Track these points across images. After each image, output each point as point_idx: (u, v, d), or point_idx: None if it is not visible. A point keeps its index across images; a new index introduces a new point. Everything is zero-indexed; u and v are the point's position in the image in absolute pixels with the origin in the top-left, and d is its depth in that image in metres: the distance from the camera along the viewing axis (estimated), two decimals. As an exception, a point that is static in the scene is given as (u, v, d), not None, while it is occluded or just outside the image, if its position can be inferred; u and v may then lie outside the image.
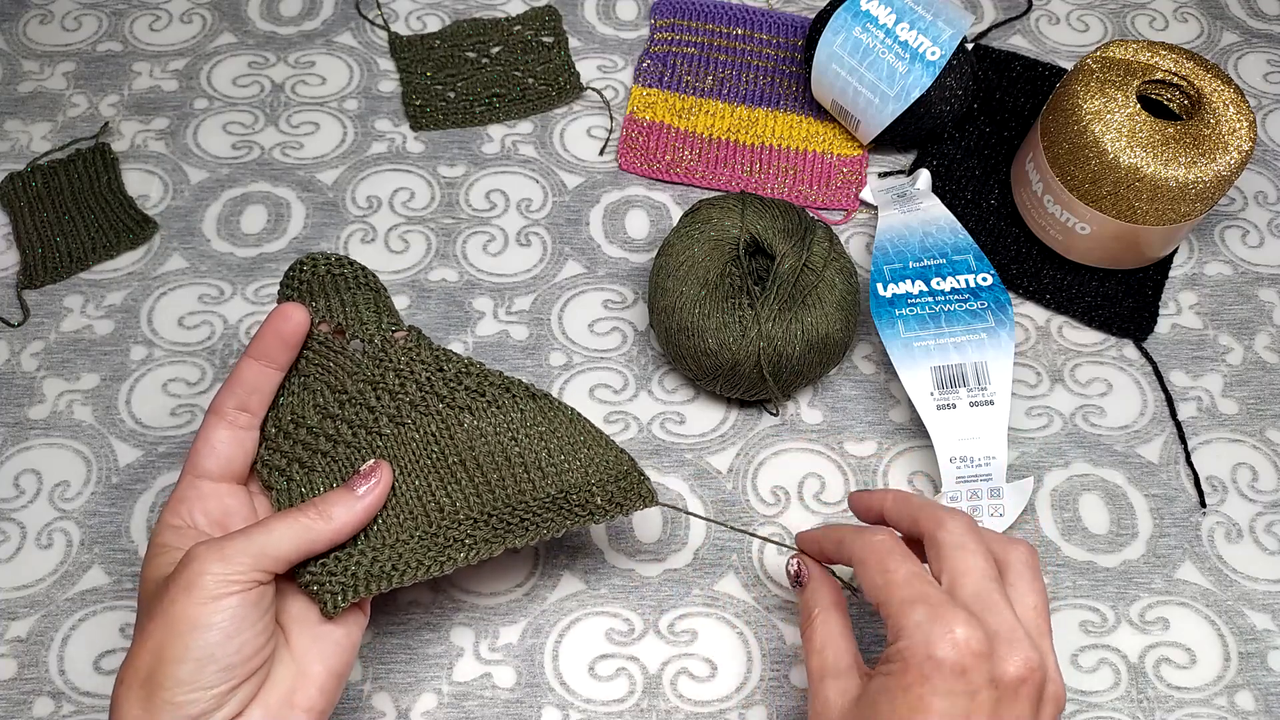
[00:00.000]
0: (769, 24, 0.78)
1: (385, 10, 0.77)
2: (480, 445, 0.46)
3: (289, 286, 0.49)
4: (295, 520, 0.42)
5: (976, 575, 0.41)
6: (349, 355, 0.47)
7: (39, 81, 0.73)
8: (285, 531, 0.42)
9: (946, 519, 0.43)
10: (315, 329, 0.48)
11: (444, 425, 0.46)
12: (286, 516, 0.42)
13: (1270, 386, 0.63)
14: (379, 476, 0.45)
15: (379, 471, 0.45)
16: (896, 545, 0.43)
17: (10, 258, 0.65)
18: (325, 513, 0.43)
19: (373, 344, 0.47)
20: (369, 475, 0.45)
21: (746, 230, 0.59)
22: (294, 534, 0.42)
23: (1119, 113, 0.60)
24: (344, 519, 0.43)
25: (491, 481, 0.46)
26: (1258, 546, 0.57)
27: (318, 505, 0.43)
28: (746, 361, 0.56)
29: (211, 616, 0.39)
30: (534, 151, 0.71)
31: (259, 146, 0.70)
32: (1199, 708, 0.52)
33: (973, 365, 0.58)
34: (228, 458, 0.45)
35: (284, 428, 0.47)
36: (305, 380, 0.47)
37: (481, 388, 0.47)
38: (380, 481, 0.45)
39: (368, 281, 0.50)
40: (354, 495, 0.44)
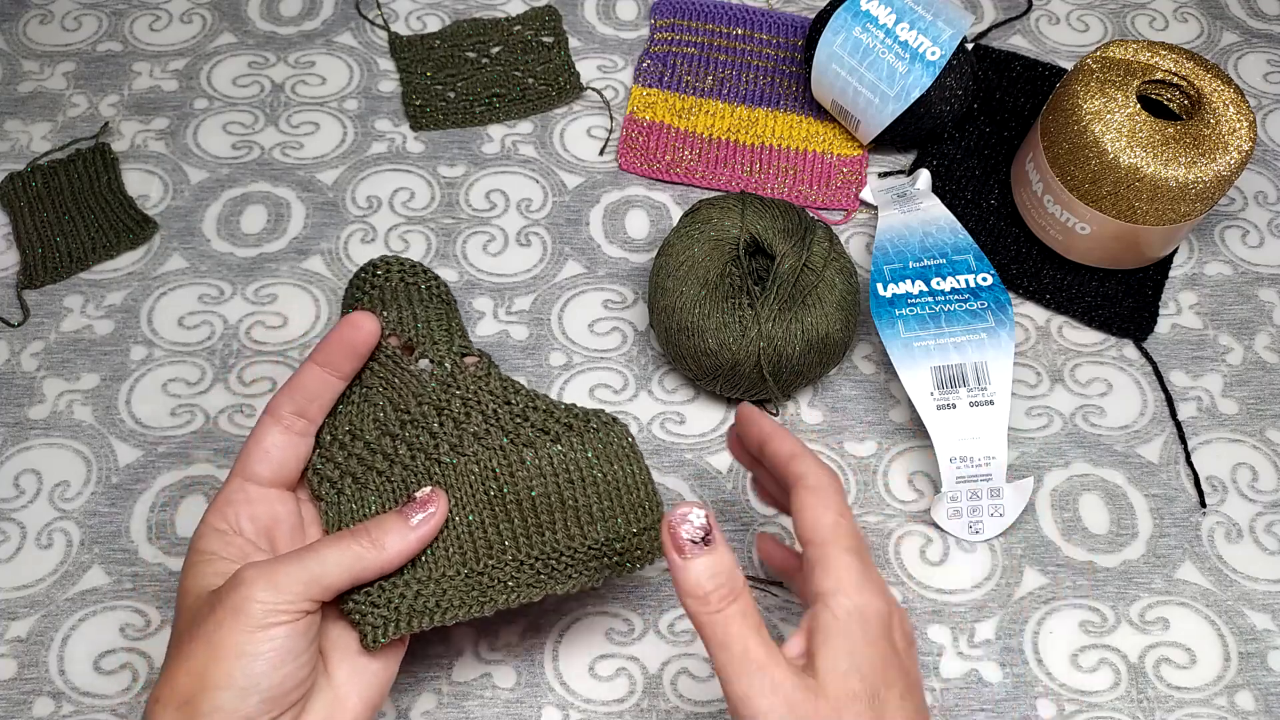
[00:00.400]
0: (769, 24, 0.78)
1: (385, 10, 0.77)
2: (538, 486, 0.45)
3: (359, 289, 0.48)
4: (348, 547, 0.41)
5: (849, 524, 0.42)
6: (415, 374, 0.46)
7: (39, 81, 0.73)
8: (337, 559, 0.40)
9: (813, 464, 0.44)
10: (384, 340, 0.46)
11: (505, 461, 0.45)
12: (339, 543, 0.41)
13: (1270, 386, 0.63)
14: (435, 508, 0.43)
15: (435, 502, 0.43)
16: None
17: (10, 258, 0.65)
18: (379, 541, 0.42)
19: (442, 367, 0.46)
20: (425, 504, 0.43)
21: (746, 230, 0.59)
22: (346, 562, 0.41)
23: (1119, 113, 0.60)
24: (397, 549, 0.42)
25: (543, 524, 0.45)
26: (1258, 546, 0.57)
27: (371, 532, 0.42)
28: (746, 361, 0.56)
29: (259, 646, 0.38)
30: (534, 151, 0.71)
31: (259, 146, 0.70)
32: (1199, 708, 0.52)
33: (973, 365, 0.58)
34: (280, 462, 0.44)
35: (340, 438, 0.46)
36: (367, 392, 0.46)
37: (546, 425, 0.45)
38: (436, 513, 0.43)
39: (441, 294, 0.48)
40: (408, 525, 0.43)
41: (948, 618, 0.54)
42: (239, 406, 0.59)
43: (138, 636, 0.52)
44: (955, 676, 0.53)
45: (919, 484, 0.59)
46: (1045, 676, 0.53)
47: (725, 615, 0.39)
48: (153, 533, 0.55)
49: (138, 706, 0.50)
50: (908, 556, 0.56)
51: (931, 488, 0.58)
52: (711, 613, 0.39)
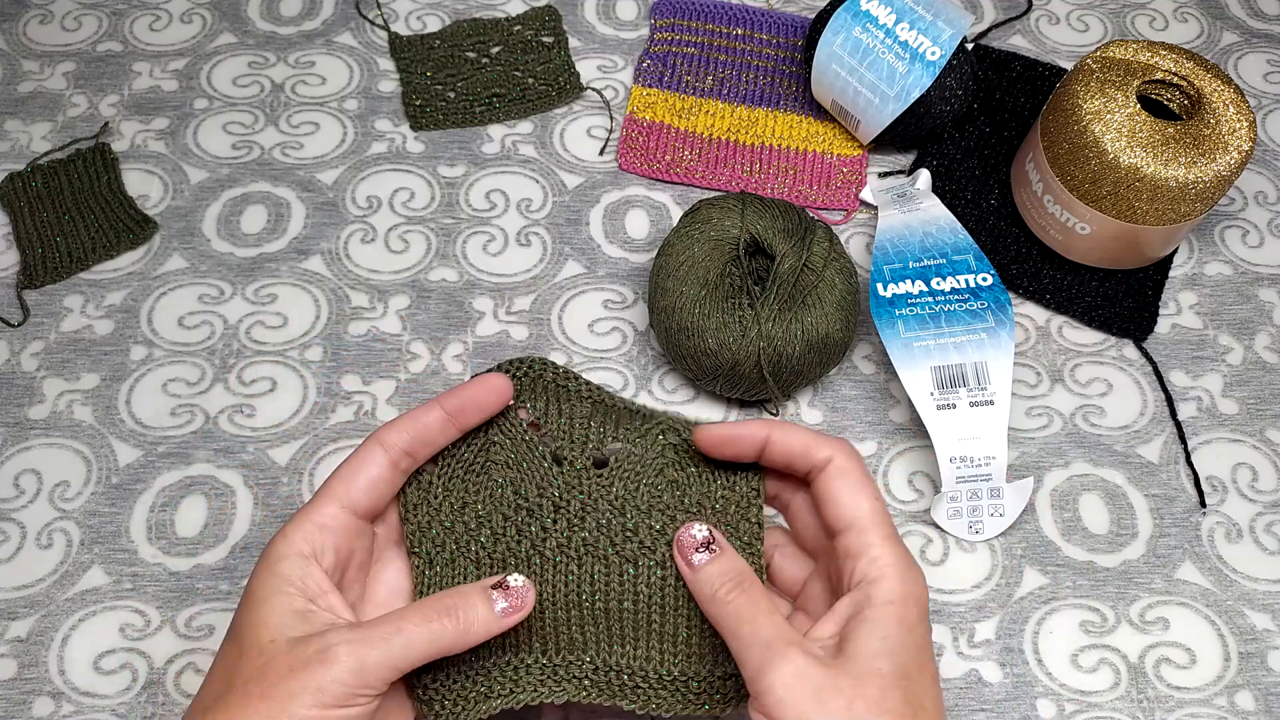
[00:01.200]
0: (769, 24, 0.78)
1: (385, 10, 0.77)
2: (629, 602, 0.44)
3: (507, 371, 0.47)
4: (433, 627, 0.40)
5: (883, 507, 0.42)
6: (544, 463, 0.45)
7: (39, 81, 0.73)
8: (420, 640, 0.39)
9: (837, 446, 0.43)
10: (518, 416, 0.46)
11: (605, 570, 0.44)
12: (426, 623, 0.40)
13: (1270, 386, 0.63)
14: (525, 602, 0.42)
15: (527, 596, 0.42)
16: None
17: (10, 258, 0.65)
18: (465, 627, 0.40)
19: (572, 466, 0.46)
20: (516, 596, 0.42)
21: (746, 230, 0.59)
22: (428, 641, 0.40)
23: (1119, 113, 0.60)
24: (479, 636, 0.41)
25: (626, 638, 0.44)
26: (1258, 546, 0.57)
27: (457, 615, 0.40)
28: (746, 361, 0.56)
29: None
30: (534, 151, 0.71)
31: (259, 146, 0.70)
32: (1199, 708, 0.52)
33: (973, 365, 0.58)
34: (380, 496, 0.43)
35: (453, 502, 0.45)
36: (490, 466, 0.46)
37: (655, 544, 0.45)
38: (524, 608, 0.42)
39: (592, 395, 0.48)
40: (495, 614, 0.41)
41: (948, 618, 0.54)
42: (239, 406, 0.59)
43: (138, 636, 0.52)
44: (955, 676, 0.53)
45: (919, 484, 0.59)
46: (1045, 676, 0.53)
47: (735, 604, 0.41)
48: (153, 533, 0.55)
49: (138, 706, 0.50)
50: (908, 556, 0.56)
51: (931, 488, 0.58)
52: (722, 604, 0.41)
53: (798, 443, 0.44)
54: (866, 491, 0.42)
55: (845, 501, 0.42)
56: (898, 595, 0.40)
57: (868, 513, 0.42)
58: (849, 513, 0.42)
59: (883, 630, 0.39)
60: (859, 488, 0.42)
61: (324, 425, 0.59)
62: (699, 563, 0.43)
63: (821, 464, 0.43)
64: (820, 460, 0.43)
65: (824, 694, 0.37)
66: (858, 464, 0.43)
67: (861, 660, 0.38)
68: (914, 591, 0.40)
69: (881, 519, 0.42)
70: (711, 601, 0.42)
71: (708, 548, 0.43)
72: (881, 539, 0.41)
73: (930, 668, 0.40)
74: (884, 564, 0.40)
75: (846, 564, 0.41)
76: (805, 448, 0.44)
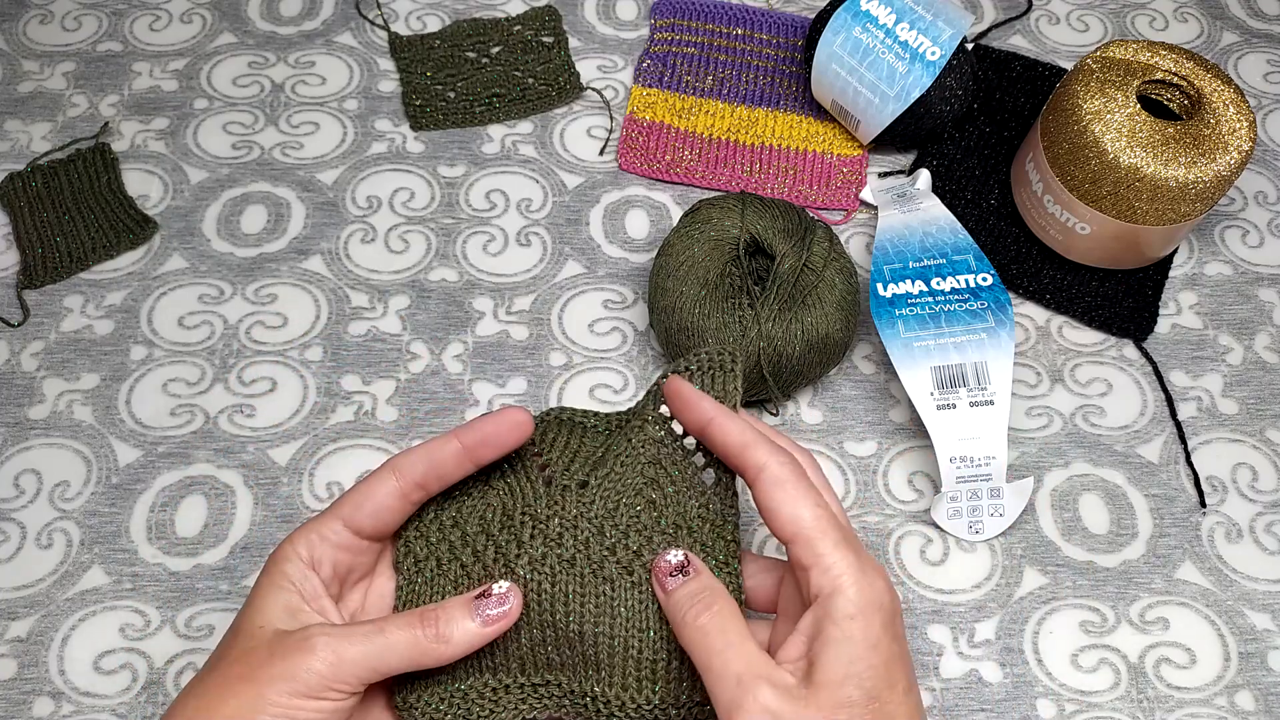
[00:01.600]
0: (769, 24, 0.78)
1: (385, 10, 0.77)
2: (605, 625, 0.43)
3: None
4: (413, 635, 0.40)
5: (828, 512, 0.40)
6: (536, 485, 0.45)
7: (39, 81, 0.73)
8: (400, 645, 0.40)
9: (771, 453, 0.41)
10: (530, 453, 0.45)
11: (580, 589, 0.43)
12: (405, 628, 0.40)
13: (1270, 386, 0.63)
14: (509, 606, 0.42)
15: (509, 600, 0.42)
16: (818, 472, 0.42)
17: (10, 258, 0.65)
18: (444, 636, 0.40)
19: (555, 486, 0.45)
20: (499, 602, 0.42)
21: (746, 230, 0.59)
22: (407, 648, 0.40)
23: (1119, 113, 0.60)
24: (461, 645, 0.41)
25: (601, 665, 0.43)
26: (1258, 546, 0.57)
27: (438, 624, 0.41)
28: (746, 362, 0.56)
29: (302, 713, 0.38)
30: (534, 151, 0.71)
31: (259, 146, 0.70)
32: (1199, 708, 0.52)
33: (973, 365, 0.58)
34: (385, 523, 0.43)
35: (442, 520, 0.45)
36: (487, 492, 0.45)
37: (632, 566, 0.43)
38: (508, 614, 0.41)
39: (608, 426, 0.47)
40: (475, 621, 0.41)
41: (948, 618, 0.54)
42: (239, 406, 0.59)
43: (137, 637, 0.52)
44: (955, 676, 0.53)
45: (919, 484, 0.59)
46: (1045, 676, 0.53)
47: (702, 626, 0.39)
48: (153, 533, 0.55)
49: (137, 706, 0.50)
50: (908, 556, 0.56)
51: (931, 488, 0.58)
52: (691, 625, 0.39)
53: (734, 440, 0.41)
54: (807, 499, 0.40)
55: (785, 513, 0.40)
56: (857, 607, 0.38)
57: (809, 521, 0.39)
58: (790, 525, 0.39)
59: (848, 652, 0.37)
60: (797, 497, 0.40)
61: (324, 425, 0.59)
62: (672, 587, 0.41)
63: (754, 471, 0.41)
64: (751, 467, 0.41)
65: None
66: (793, 471, 0.40)
67: (830, 689, 0.37)
68: (873, 598, 0.38)
69: (827, 525, 0.39)
70: (682, 625, 0.40)
71: (682, 571, 0.41)
72: (831, 546, 0.39)
73: (901, 679, 0.38)
74: (836, 573, 0.38)
75: (802, 577, 0.39)
76: (740, 449, 0.41)
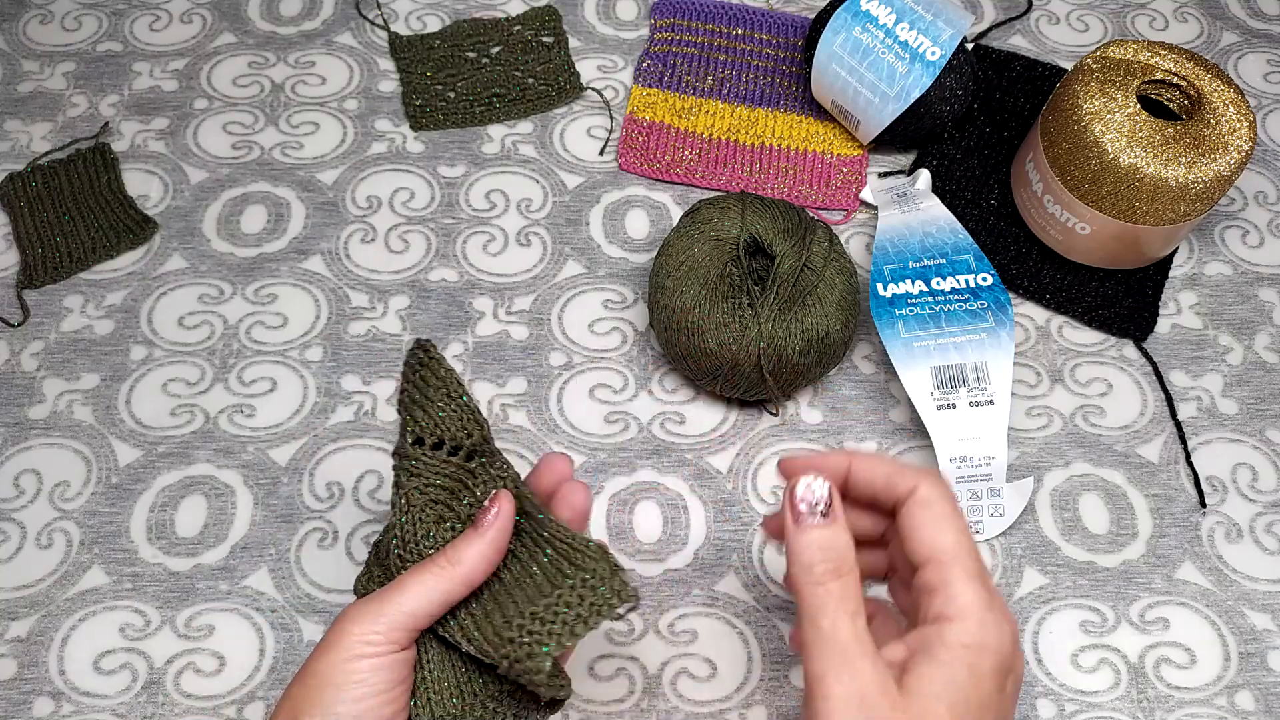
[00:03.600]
0: (769, 24, 0.78)
1: (385, 10, 0.77)
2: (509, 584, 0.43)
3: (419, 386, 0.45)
4: (426, 573, 0.41)
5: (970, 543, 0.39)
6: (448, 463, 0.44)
7: (39, 81, 0.73)
8: (418, 587, 0.40)
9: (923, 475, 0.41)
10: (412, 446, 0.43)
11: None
12: (418, 571, 0.41)
13: (1270, 386, 0.63)
14: (499, 507, 0.42)
15: (499, 502, 0.42)
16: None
17: (10, 258, 0.65)
18: (454, 558, 0.41)
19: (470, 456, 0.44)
20: (490, 508, 0.42)
21: (746, 230, 0.59)
22: (428, 587, 0.40)
23: (1119, 113, 0.60)
24: (473, 561, 0.41)
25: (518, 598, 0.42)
26: (1258, 546, 0.57)
27: (446, 552, 0.41)
28: (746, 361, 0.56)
29: (348, 676, 0.39)
30: (534, 151, 0.71)
31: (259, 146, 0.70)
32: (1199, 708, 0.52)
33: (973, 365, 0.58)
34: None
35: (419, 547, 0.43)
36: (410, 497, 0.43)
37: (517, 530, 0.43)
38: (502, 512, 0.41)
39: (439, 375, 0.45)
40: (479, 534, 0.41)
41: (948, 618, 0.54)
42: (239, 406, 0.59)
43: (137, 636, 0.52)
44: None
45: (919, 484, 0.58)
46: (1045, 676, 0.53)
47: (826, 589, 0.38)
48: (153, 533, 0.55)
49: (137, 706, 0.50)
50: (908, 556, 0.56)
51: (931, 488, 0.58)
52: (813, 583, 0.38)
53: (880, 473, 0.41)
54: (952, 524, 0.39)
55: (927, 534, 0.39)
56: (973, 640, 0.37)
57: (950, 546, 0.38)
58: (929, 547, 0.39)
59: (949, 673, 0.36)
60: (944, 519, 0.39)
61: (324, 425, 0.59)
62: (809, 524, 0.39)
63: (905, 494, 0.40)
64: (903, 491, 0.40)
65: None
66: (943, 493, 0.40)
67: (921, 699, 0.36)
68: (992, 642, 0.37)
69: (967, 554, 0.38)
70: (805, 572, 0.38)
71: (824, 511, 0.39)
72: (965, 576, 0.38)
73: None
74: (963, 603, 0.37)
75: (924, 600, 0.38)
76: (888, 478, 0.41)
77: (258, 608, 0.53)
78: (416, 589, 0.40)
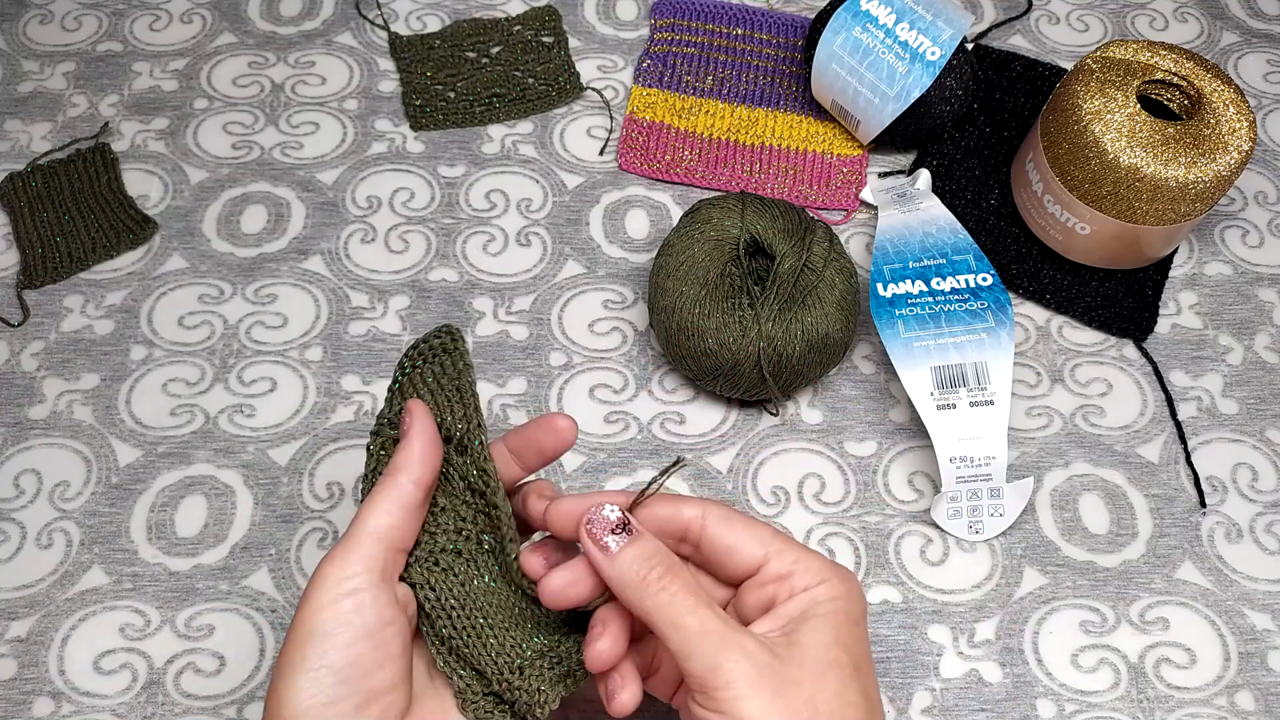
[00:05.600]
0: (769, 24, 0.78)
1: (385, 10, 0.77)
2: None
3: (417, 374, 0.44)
4: (375, 493, 0.40)
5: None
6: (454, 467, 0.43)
7: (39, 81, 0.73)
8: (373, 507, 0.39)
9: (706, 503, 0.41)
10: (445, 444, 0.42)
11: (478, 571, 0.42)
12: (369, 498, 0.40)
13: (1270, 386, 0.63)
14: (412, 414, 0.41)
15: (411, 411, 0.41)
16: None
17: (10, 258, 0.65)
18: (391, 469, 0.40)
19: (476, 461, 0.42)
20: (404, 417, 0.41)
21: (746, 230, 0.59)
22: (384, 502, 0.39)
23: (1119, 113, 0.60)
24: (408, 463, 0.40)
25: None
26: (1258, 546, 0.57)
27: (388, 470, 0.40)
28: (746, 361, 0.56)
29: (329, 624, 0.37)
30: (534, 151, 0.71)
31: (259, 146, 0.70)
32: (1199, 708, 0.52)
33: (973, 365, 0.58)
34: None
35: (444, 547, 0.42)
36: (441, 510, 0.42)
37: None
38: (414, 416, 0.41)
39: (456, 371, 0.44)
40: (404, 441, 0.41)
41: (948, 618, 0.54)
42: (239, 406, 0.59)
43: (138, 636, 0.52)
44: (955, 676, 0.53)
45: (919, 484, 0.59)
46: (1045, 676, 0.53)
47: (671, 593, 0.37)
48: (153, 533, 0.55)
49: (137, 706, 0.50)
50: (908, 556, 0.56)
51: (931, 488, 0.58)
52: (656, 594, 0.37)
53: (664, 511, 0.41)
54: (755, 524, 0.40)
55: (748, 537, 0.40)
56: (840, 593, 0.39)
57: (772, 537, 0.40)
58: (759, 545, 0.40)
59: (833, 623, 0.38)
60: (747, 523, 0.40)
61: (324, 425, 0.59)
62: (616, 547, 0.38)
63: (697, 520, 0.40)
64: (694, 518, 0.40)
65: (785, 687, 0.36)
66: (726, 507, 0.41)
67: (816, 651, 0.37)
68: (853, 589, 0.39)
69: (787, 540, 0.40)
70: (641, 588, 0.37)
71: (625, 530, 0.39)
72: (804, 553, 0.40)
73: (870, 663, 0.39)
74: (818, 570, 0.39)
75: (775, 588, 0.39)
76: (672, 513, 0.41)
77: (258, 608, 0.53)
78: (372, 509, 0.39)
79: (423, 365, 0.43)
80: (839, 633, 0.38)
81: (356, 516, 0.40)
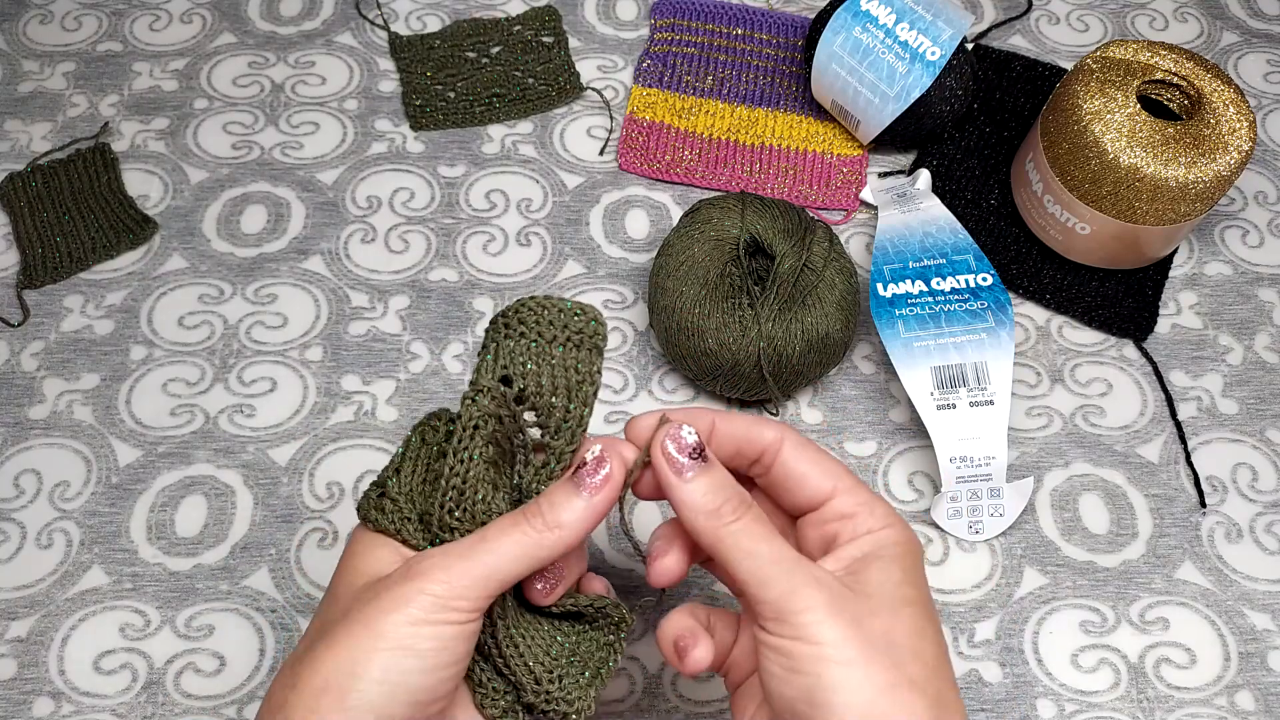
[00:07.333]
0: (769, 24, 0.78)
1: (385, 10, 0.77)
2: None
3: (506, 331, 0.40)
4: (520, 533, 0.36)
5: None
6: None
7: (39, 81, 0.73)
8: (510, 550, 0.36)
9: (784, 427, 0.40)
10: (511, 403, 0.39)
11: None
12: (510, 531, 0.36)
13: (1270, 386, 0.63)
14: (609, 468, 0.37)
15: (609, 462, 0.37)
16: None
17: (10, 258, 0.65)
18: (552, 520, 0.36)
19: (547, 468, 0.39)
20: (598, 467, 0.37)
21: (746, 230, 0.59)
22: (519, 551, 0.36)
23: (1119, 113, 0.60)
24: (575, 527, 0.37)
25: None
26: (1258, 546, 0.57)
27: (542, 512, 0.37)
28: (746, 361, 0.56)
29: (422, 642, 0.34)
30: (534, 151, 0.71)
31: (259, 146, 0.70)
32: (1199, 708, 0.52)
33: (973, 365, 0.58)
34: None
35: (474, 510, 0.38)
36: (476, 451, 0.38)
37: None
38: (611, 475, 0.37)
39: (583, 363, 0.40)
40: (583, 497, 0.37)
41: (948, 618, 0.54)
42: (239, 406, 0.59)
43: (138, 636, 0.52)
44: (955, 676, 0.53)
45: (919, 484, 0.59)
46: (1045, 676, 0.53)
47: (744, 523, 0.37)
48: (153, 533, 0.55)
49: (137, 706, 0.50)
50: (908, 556, 0.56)
51: (931, 488, 0.58)
52: (729, 524, 0.37)
53: (740, 425, 0.40)
54: (831, 459, 0.40)
55: (819, 470, 0.39)
56: (905, 538, 0.38)
57: (845, 474, 0.39)
58: (831, 477, 0.39)
59: (902, 565, 0.37)
60: (823, 455, 0.40)
61: (324, 425, 0.59)
62: (690, 474, 0.37)
63: (772, 443, 0.39)
64: (770, 439, 0.39)
65: (862, 618, 0.35)
66: (802, 436, 0.40)
67: (888, 588, 0.36)
68: (915, 539, 0.39)
69: (858, 480, 0.40)
70: (714, 517, 0.36)
71: (701, 455, 0.37)
72: (872, 496, 0.39)
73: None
74: (883, 514, 0.39)
75: (840, 526, 0.38)
76: (748, 429, 0.40)
77: (258, 608, 0.53)
78: (509, 550, 0.36)
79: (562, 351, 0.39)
80: (908, 574, 0.37)
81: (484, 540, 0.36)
